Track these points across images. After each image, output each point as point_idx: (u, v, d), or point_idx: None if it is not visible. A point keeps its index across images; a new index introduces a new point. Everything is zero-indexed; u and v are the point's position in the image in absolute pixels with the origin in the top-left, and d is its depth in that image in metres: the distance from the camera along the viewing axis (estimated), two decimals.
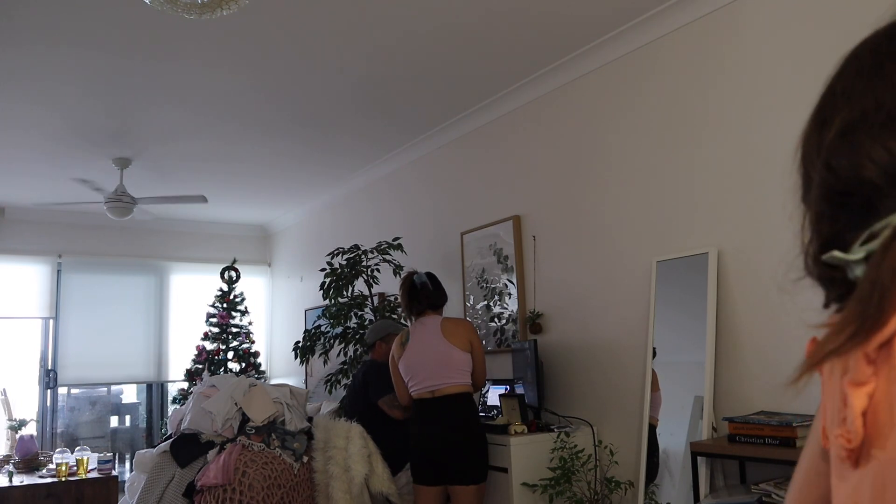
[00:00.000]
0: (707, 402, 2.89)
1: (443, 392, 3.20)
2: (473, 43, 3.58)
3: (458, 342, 3.25)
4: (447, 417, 3.17)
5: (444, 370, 3.21)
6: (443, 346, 3.24)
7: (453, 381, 3.21)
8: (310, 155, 5.37)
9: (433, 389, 3.22)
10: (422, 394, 3.25)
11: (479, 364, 3.32)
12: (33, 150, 4.98)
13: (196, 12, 2.46)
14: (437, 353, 3.24)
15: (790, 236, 2.33)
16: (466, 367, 3.25)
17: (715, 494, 2.63)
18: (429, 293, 3.40)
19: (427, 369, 3.24)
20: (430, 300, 3.40)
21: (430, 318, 3.37)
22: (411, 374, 3.29)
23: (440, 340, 3.25)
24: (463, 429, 3.15)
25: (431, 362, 3.23)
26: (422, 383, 3.25)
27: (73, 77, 3.81)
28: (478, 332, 3.39)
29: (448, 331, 3.29)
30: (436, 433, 3.16)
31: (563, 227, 3.86)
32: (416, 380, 3.27)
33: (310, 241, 6.96)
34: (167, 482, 3.22)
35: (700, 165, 3.13)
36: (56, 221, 6.75)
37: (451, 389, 3.20)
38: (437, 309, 3.44)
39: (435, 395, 3.21)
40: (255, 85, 4.02)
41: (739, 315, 2.91)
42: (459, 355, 3.23)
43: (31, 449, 4.75)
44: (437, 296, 3.44)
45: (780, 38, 2.83)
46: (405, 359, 3.32)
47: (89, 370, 6.72)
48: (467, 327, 3.36)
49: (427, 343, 3.27)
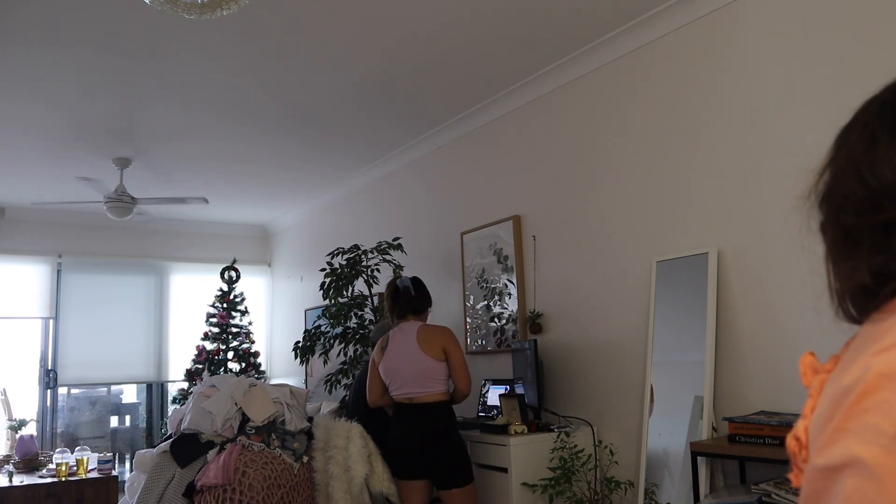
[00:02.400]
0: (707, 402, 2.89)
1: (420, 400, 3.24)
2: (473, 43, 3.58)
3: (432, 351, 3.25)
4: (423, 424, 3.22)
5: (418, 379, 3.24)
6: (416, 355, 3.26)
7: (429, 389, 3.24)
8: (310, 155, 5.37)
9: (411, 396, 3.26)
10: (401, 399, 3.30)
11: (458, 371, 3.27)
12: (33, 149, 4.98)
13: (196, 12, 2.46)
14: (411, 362, 3.26)
15: (790, 236, 2.32)
16: (440, 375, 3.26)
17: (715, 494, 2.63)
18: (410, 298, 3.43)
19: (402, 377, 3.27)
20: (410, 304, 3.42)
21: (409, 324, 3.38)
22: (390, 380, 3.33)
23: (414, 349, 3.27)
24: (437, 436, 3.20)
25: (407, 372, 3.26)
26: (399, 390, 3.30)
27: (73, 77, 3.81)
28: (456, 339, 3.34)
29: (423, 339, 3.29)
30: (414, 436, 3.22)
31: (563, 227, 3.86)
32: (394, 385, 3.32)
33: (310, 241, 6.96)
34: (167, 482, 3.22)
35: (700, 165, 3.13)
36: (56, 221, 6.75)
37: (427, 398, 3.24)
38: (420, 314, 3.46)
39: (413, 402, 3.26)
40: (256, 85, 4.02)
41: (739, 315, 2.91)
42: (432, 364, 3.24)
43: (31, 449, 4.75)
44: (419, 300, 3.45)
45: (780, 38, 2.83)
46: (384, 363, 3.35)
47: (89, 370, 6.72)
48: (442, 335, 3.32)
49: (403, 351, 3.30)
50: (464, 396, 3.34)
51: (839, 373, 0.53)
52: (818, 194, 0.61)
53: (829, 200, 0.59)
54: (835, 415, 0.50)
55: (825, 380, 0.55)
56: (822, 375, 0.56)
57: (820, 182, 0.60)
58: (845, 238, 0.57)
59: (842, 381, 0.51)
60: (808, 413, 0.55)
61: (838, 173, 0.59)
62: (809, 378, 0.58)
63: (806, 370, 0.58)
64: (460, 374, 3.28)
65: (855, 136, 0.59)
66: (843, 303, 0.58)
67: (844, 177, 0.58)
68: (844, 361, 0.54)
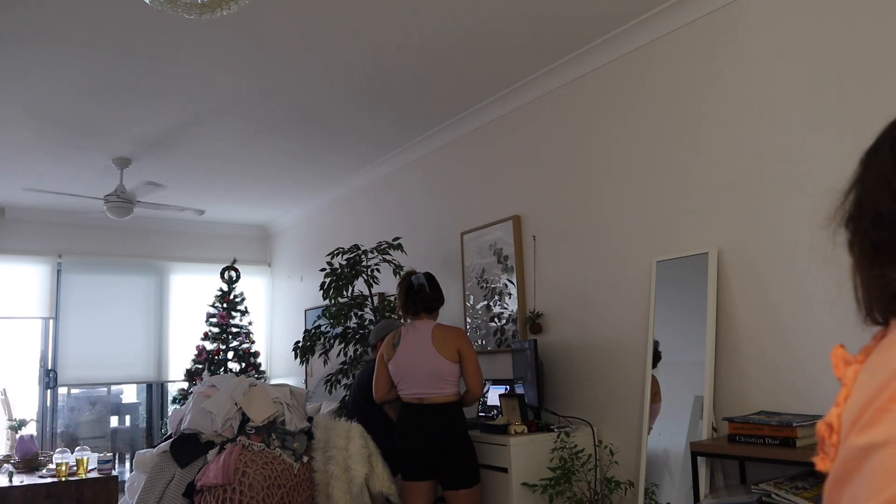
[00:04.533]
0: (707, 402, 2.89)
1: (430, 401, 3.20)
2: (473, 43, 3.58)
3: (446, 352, 3.20)
4: (433, 425, 3.18)
5: (430, 380, 3.20)
6: (430, 356, 3.21)
7: (441, 391, 3.20)
8: (310, 155, 5.37)
9: (421, 397, 3.22)
10: (410, 399, 3.26)
11: (471, 373, 3.24)
12: (33, 149, 4.98)
13: (196, 12, 2.46)
14: (425, 363, 3.21)
15: (790, 236, 2.32)
16: (453, 377, 3.22)
17: (715, 494, 2.63)
18: (425, 296, 3.37)
19: (414, 377, 3.23)
20: (425, 303, 3.37)
21: (423, 323, 3.33)
22: (399, 379, 3.28)
23: (429, 349, 3.22)
24: (447, 436, 3.16)
25: (419, 371, 3.21)
26: (409, 389, 3.25)
27: (73, 77, 3.81)
28: (470, 341, 3.32)
29: (438, 339, 3.24)
30: (421, 437, 3.18)
31: (563, 227, 3.86)
32: (403, 385, 3.27)
33: (310, 241, 6.96)
34: (167, 482, 3.22)
35: (700, 165, 3.13)
36: (56, 221, 6.75)
37: (438, 399, 3.20)
38: (433, 312, 3.41)
39: (423, 403, 3.21)
40: (255, 85, 4.02)
41: (739, 315, 2.91)
42: (446, 366, 3.20)
43: (31, 449, 4.75)
44: (434, 299, 3.41)
45: (780, 38, 2.83)
46: (394, 361, 3.30)
47: (89, 370, 6.73)
48: (457, 336, 3.29)
49: (416, 350, 3.25)
50: (475, 399, 3.31)
51: (878, 361, 0.56)
52: (844, 213, 0.64)
53: (859, 218, 0.63)
54: (878, 397, 0.52)
55: (858, 370, 0.58)
56: (855, 366, 0.59)
57: (846, 202, 0.64)
58: (875, 252, 0.60)
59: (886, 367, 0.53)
60: (842, 401, 0.58)
61: (869, 192, 0.62)
62: (842, 369, 0.60)
63: (837, 361, 0.61)
64: (474, 377, 3.24)
65: (883, 155, 0.62)
66: (871, 312, 0.61)
67: (876, 194, 0.61)
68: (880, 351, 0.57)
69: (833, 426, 0.58)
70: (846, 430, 0.54)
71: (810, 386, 2.63)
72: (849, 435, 0.53)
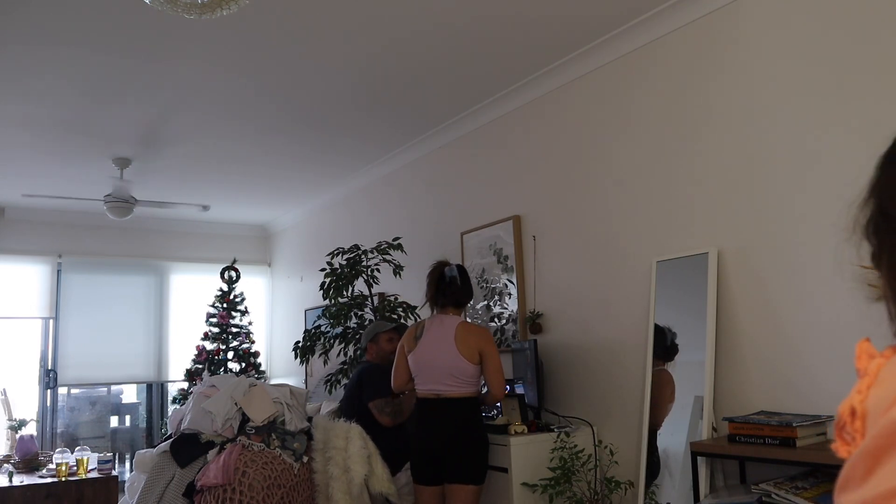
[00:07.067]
0: (707, 402, 2.89)
1: (448, 395, 3.15)
2: (473, 43, 3.58)
3: (468, 352, 3.13)
4: (449, 418, 3.14)
5: (449, 379, 3.14)
6: (451, 354, 3.14)
7: (460, 389, 3.14)
8: (310, 155, 5.37)
9: (438, 393, 3.17)
10: (426, 394, 3.21)
11: (493, 375, 3.16)
12: (33, 149, 4.98)
13: (196, 12, 2.46)
14: (445, 361, 3.15)
15: (790, 236, 2.32)
16: (473, 377, 3.16)
17: (715, 494, 2.63)
18: (456, 289, 3.29)
19: (433, 374, 3.17)
20: (455, 296, 3.29)
21: (448, 318, 3.25)
22: (418, 373, 3.23)
23: (450, 347, 3.15)
24: (463, 429, 3.11)
25: (438, 369, 3.16)
26: (426, 385, 3.20)
27: (73, 76, 3.81)
28: (494, 342, 3.24)
29: (461, 338, 3.16)
30: (436, 431, 3.14)
31: (563, 227, 3.86)
32: (421, 380, 3.22)
33: (310, 241, 6.96)
34: (167, 482, 3.22)
35: (700, 165, 3.13)
36: (56, 221, 6.75)
37: (455, 394, 3.14)
38: (460, 307, 3.34)
39: (440, 397, 3.16)
40: (256, 85, 4.02)
41: (739, 315, 2.91)
42: (466, 366, 3.13)
43: (31, 449, 4.75)
44: (463, 293, 3.32)
45: (780, 38, 2.83)
46: (415, 355, 3.24)
47: (89, 370, 6.72)
48: (481, 336, 3.20)
49: (438, 346, 3.18)
50: (495, 401, 3.26)
51: None
52: (868, 224, 0.63)
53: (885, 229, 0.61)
54: None
55: (882, 364, 0.59)
56: (879, 360, 0.59)
57: (865, 211, 0.63)
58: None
59: None
60: (864, 389, 0.59)
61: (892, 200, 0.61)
62: (865, 361, 0.61)
63: (861, 354, 0.62)
64: (495, 379, 3.16)
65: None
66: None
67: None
68: None
69: (857, 411, 0.58)
70: (882, 410, 0.54)
71: (810, 386, 2.64)
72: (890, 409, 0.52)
